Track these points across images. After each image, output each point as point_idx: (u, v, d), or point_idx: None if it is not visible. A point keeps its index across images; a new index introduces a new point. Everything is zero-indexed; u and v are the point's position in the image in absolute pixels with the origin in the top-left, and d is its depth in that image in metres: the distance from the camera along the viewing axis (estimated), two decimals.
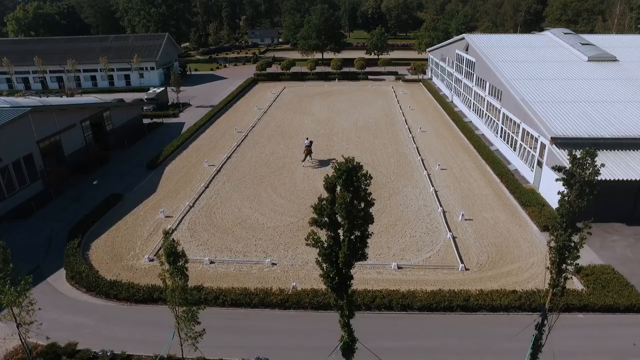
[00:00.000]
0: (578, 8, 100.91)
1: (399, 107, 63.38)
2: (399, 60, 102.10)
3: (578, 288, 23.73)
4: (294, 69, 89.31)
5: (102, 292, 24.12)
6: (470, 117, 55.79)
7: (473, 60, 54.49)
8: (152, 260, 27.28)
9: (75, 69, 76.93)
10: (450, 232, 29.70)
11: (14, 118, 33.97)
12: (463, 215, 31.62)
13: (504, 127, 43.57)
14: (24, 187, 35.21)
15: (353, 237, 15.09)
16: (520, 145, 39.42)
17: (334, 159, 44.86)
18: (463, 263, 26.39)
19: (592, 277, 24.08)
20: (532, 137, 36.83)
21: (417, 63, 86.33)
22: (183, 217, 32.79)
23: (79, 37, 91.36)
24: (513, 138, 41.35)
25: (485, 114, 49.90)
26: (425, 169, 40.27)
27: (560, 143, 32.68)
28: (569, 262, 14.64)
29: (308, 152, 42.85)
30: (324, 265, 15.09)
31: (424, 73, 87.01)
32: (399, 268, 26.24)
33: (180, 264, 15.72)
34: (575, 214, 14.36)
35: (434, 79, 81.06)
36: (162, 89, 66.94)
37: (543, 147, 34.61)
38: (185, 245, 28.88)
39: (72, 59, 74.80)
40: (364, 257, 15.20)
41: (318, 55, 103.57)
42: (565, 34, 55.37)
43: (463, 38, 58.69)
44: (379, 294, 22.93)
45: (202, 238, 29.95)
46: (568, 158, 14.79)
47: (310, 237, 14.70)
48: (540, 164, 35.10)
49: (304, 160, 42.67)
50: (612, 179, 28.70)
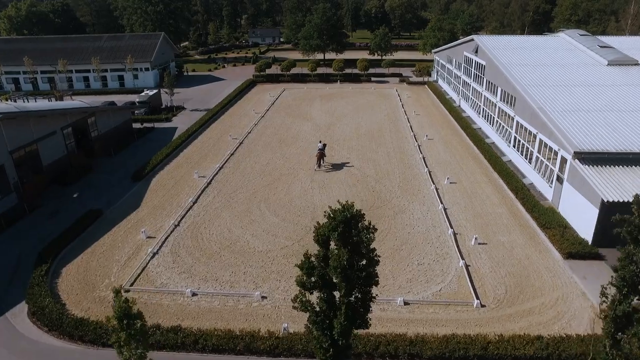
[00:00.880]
0: (589, 8, 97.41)
1: (404, 111, 60.15)
2: (403, 62, 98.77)
3: None
4: (295, 70, 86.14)
5: (65, 332, 21.05)
6: (480, 123, 52.53)
7: (483, 64, 51.21)
8: (127, 292, 24.21)
9: (67, 70, 73.98)
10: (463, 259, 26.52)
11: None
12: (476, 239, 28.43)
13: (518, 136, 40.33)
14: None
15: (352, 298, 11.89)
16: (537, 158, 36.18)
17: (348, 162, 41.93)
18: (478, 298, 23.23)
19: None
20: (550, 149, 33.59)
21: (422, 65, 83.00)
22: (166, 238, 29.70)
23: (71, 36, 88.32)
24: (528, 149, 38.11)
25: (497, 122, 46.64)
26: (433, 183, 37.06)
27: (585, 158, 29.46)
28: (630, 333, 11.49)
29: (321, 156, 40.58)
30: (316, 334, 11.95)
31: (429, 75, 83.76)
32: (406, 304, 23.09)
33: (137, 328, 12.54)
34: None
35: (440, 82, 77.77)
36: (155, 92, 63.89)
37: (564, 161, 31.39)
38: (166, 273, 25.88)
39: (63, 59, 71.77)
40: (366, 324, 12.03)
41: (320, 56, 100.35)
42: (581, 36, 52.03)
43: (472, 39, 55.43)
44: (383, 340, 19.78)
45: (185, 264, 26.84)
46: (633, 206, 11.41)
47: (298, 299, 11.56)
48: (561, 180, 31.87)
49: (318, 166, 40.24)
50: None
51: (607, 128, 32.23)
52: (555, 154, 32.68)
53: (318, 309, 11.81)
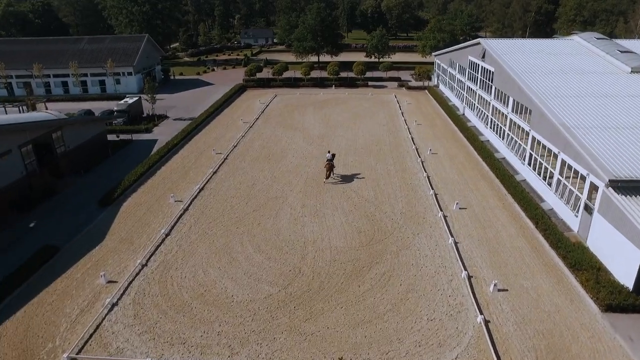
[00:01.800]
0: (595, 8, 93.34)
1: (404, 120, 55.75)
2: (401, 64, 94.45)
3: None
4: (288, 74, 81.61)
5: None
6: (488, 135, 48.17)
7: (491, 70, 46.85)
8: None
9: (44, 75, 69.15)
10: (481, 313, 22.10)
11: None
12: (495, 285, 24.02)
13: (535, 154, 35.98)
14: None
15: None
16: (558, 181, 31.82)
17: (359, 174, 37.64)
18: None
19: None
20: (576, 173, 29.26)
21: (421, 68, 78.66)
22: (130, 282, 25.14)
23: (49, 38, 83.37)
24: (547, 169, 33.75)
25: (508, 135, 42.29)
26: (441, 209, 32.63)
27: (622, 187, 25.13)
28: None
29: (330, 167, 37.46)
30: None
31: (430, 79, 79.48)
32: None
33: None
34: None
35: (442, 87, 73.44)
36: (135, 99, 59.18)
37: (594, 188, 27.05)
38: (125, 333, 21.31)
39: (38, 63, 66.89)
40: None
41: (314, 58, 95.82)
42: (598, 39, 47.75)
43: (478, 43, 51.06)
44: None
45: (149, 320, 22.27)
46: None
47: None
48: (590, 210, 27.51)
49: (327, 178, 37.48)
50: None
51: None
52: (583, 179, 28.33)
53: None
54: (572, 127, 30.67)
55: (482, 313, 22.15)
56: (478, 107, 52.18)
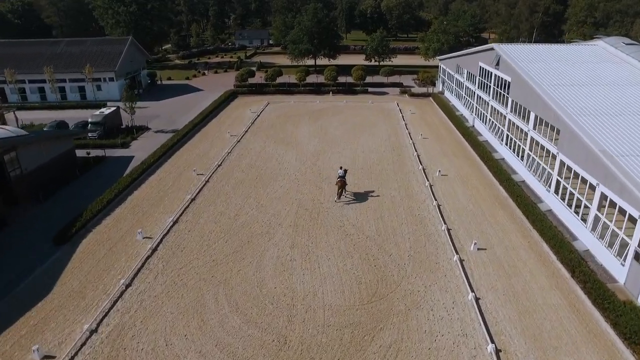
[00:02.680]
0: (608, 9, 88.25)
1: (408, 133, 50.58)
2: (403, 68, 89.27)
3: None
4: (282, 79, 76.30)
5: None
6: (503, 152, 43.03)
7: (507, 80, 41.70)
8: None
9: (18, 80, 63.76)
10: None
11: None
12: None
13: (563, 182, 30.83)
14: None
15: None
16: (597, 218, 26.68)
17: (359, 201, 32.63)
18: None
19: None
20: (622, 211, 24.14)
21: (425, 74, 73.54)
22: (72, 358, 19.94)
23: (25, 40, 77.89)
24: (581, 202, 28.61)
25: (528, 155, 37.16)
26: (456, 252, 27.47)
27: None
28: None
29: (342, 184, 33.89)
30: None
31: (434, 85, 74.33)
32: None
33: None
34: None
35: (447, 94, 68.29)
36: (112, 109, 53.86)
37: None
38: None
39: (10, 68, 61.53)
40: None
41: (310, 62, 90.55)
42: (627, 45, 42.67)
43: (492, 48, 45.90)
44: None
45: None
46: None
47: None
48: None
49: (339, 197, 34.06)
50: None
51: None
52: (633, 221, 23.20)
53: None
54: (616, 154, 25.55)
55: None
56: (491, 120, 47.04)
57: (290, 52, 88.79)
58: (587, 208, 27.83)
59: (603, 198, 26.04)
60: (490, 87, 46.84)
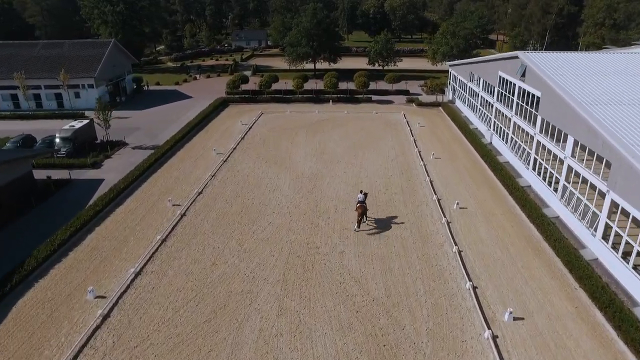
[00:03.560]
0: (630, 10, 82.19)
1: (418, 152, 44.66)
2: (408, 73, 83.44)
3: None
4: (279, 85, 70.42)
5: None
6: (529, 178, 37.09)
7: (536, 95, 35.77)
8: None
9: None
10: None
11: None
12: None
13: (616, 226, 24.90)
14: None
15: None
16: None
17: (362, 245, 26.85)
18: None
19: None
20: None
21: (434, 81, 67.68)
22: None
23: None
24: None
25: (564, 187, 31.21)
26: (486, 321, 21.58)
27: None
28: None
29: (363, 211, 29.60)
30: None
31: (443, 93, 68.40)
32: None
33: None
34: None
35: (459, 103, 62.40)
36: (85, 123, 47.94)
37: None
38: None
39: None
40: None
41: (309, 66, 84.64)
42: None
43: (516, 57, 39.93)
44: None
45: None
46: None
47: None
48: None
49: (359, 225, 29.72)
50: None
51: None
52: None
53: None
54: None
55: None
56: (513, 138, 41.11)
57: (288, 55, 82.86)
58: None
59: None
60: (513, 100, 40.94)
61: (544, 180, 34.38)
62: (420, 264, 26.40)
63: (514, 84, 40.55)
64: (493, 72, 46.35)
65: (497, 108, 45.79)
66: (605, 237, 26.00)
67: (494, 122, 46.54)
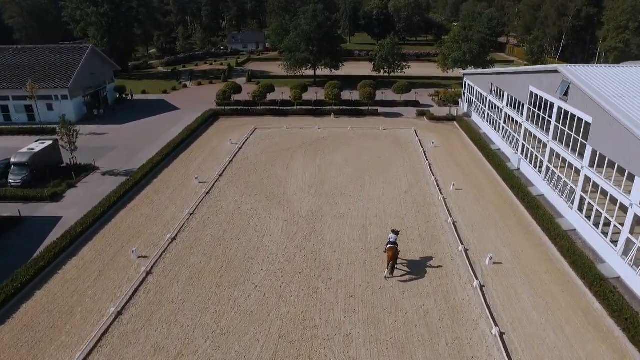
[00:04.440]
0: None
1: (435, 181, 38.13)
2: (417, 80, 76.96)
3: None
4: (275, 95, 63.94)
5: None
6: (574, 221, 30.48)
7: (586, 120, 29.21)
8: None
9: None
10: None
11: None
12: None
13: None
14: None
15: None
16: None
17: (374, 320, 20.28)
18: None
19: None
20: None
21: (447, 92, 61.17)
22: None
23: None
24: None
25: (627, 241, 24.64)
26: None
27: None
28: None
29: (394, 254, 24.78)
30: None
31: (457, 104, 61.92)
32: None
33: None
34: None
35: (475, 117, 55.94)
36: (48, 144, 41.45)
37: None
38: None
39: None
40: None
41: (309, 72, 78.10)
42: None
43: (555, 70, 33.37)
44: None
45: None
46: None
47: None
48: None
49: (391, 272, 24.90)
50: None
51: None
52: None
53: None
54: None
55: None
56: (550, 168, 34.55)
57: (286, 61, 76.31)
58: None
59: None
60: (551, 123, 34.39)
61: (596, 227, 27.83)
62: (452, 356, 19.84)
63: (552, 103, 34.02)
64: (522, 86, 39.82)
65: (526, 129, 39.27)
66: None
67: (523, 144, 40.00)
